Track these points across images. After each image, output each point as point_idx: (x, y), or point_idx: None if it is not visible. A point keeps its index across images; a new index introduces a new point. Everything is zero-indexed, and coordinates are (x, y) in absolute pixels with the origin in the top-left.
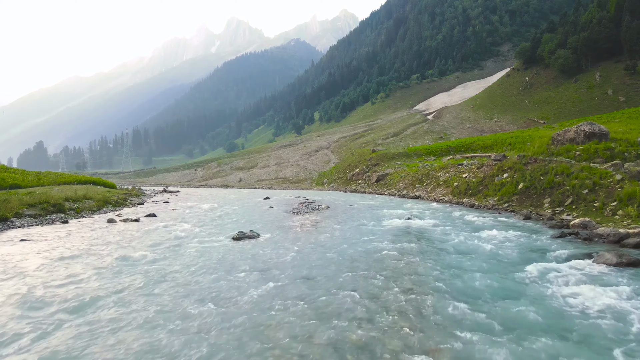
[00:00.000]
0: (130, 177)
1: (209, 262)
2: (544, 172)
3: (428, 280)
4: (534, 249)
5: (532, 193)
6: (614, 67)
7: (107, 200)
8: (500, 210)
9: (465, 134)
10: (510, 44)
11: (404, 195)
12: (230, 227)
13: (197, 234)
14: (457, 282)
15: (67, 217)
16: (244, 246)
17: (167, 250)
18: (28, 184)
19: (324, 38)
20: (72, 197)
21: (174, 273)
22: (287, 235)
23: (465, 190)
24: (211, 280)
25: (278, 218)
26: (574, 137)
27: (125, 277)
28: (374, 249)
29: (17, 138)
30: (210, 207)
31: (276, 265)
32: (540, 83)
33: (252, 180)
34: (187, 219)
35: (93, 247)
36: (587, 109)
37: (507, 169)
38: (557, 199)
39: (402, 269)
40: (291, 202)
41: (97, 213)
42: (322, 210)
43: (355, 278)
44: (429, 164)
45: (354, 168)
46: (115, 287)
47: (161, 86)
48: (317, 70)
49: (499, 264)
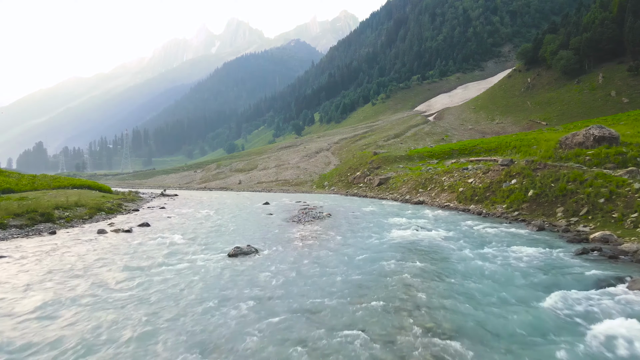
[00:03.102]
0: (129, 179)
1: (199, 289)
2: (555, 178)
3: (446, 316)
4: (557, 269)
5: (543, 201)
6: (616, 68)
7: (100, 207)
8: (510, 218)
9: (467, 136)
10: (511, 44)
11: (407, 200)
12: (226, 240)
13: (190, 248)
14: (480, 315)
15: (56, 226)
16: (239, 265)
17: (154, 272)
18: (22, 188)
19: (324, 39)
20: (62, 205)
21: (157, 305)
22: (287, 251)
23: (471, 197)
24: (199, 315)
25: (277, 228)
26: (582, 141)
27: (96, 312)
28: (382, 272)
29: (17, 139)
30: (207, 215)
31: (275, 293)
32: (542, 84)
33: (252, 182)
34: (181, 229)
35: (72, 269)
36: (589, 110)
37: (515, 174)
38: (571, 208)
39: (416, 299)
40: (291, 208)
41: (88, 222)
42: (323, 218)
43: (364, 312)
44: (432, 168)
45: (355, 171)
46: (75, 330)
47: (161, 87)
48: (317, 71)
49: (523, 290)
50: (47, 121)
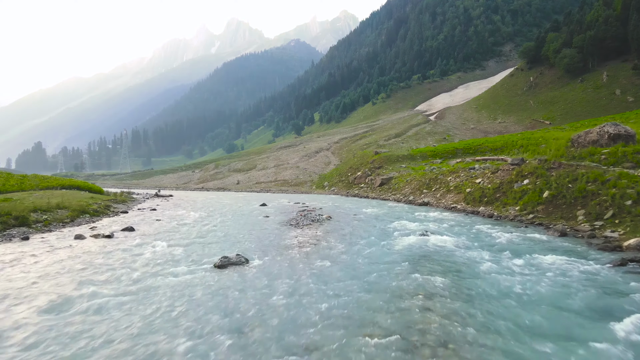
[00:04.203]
0: (127, 179)
1: (173, 313)
2: (572, 178)
3: (475, 353)
4: (598, 286)
5: (561, 203)
6: (621, 67)
7: (84, 209)
8: (525, 222)
9: (469, 135)
10: (513, 44)
11: (411, 202)
12: (216, 247)
13: (172, 258)
14: (517, 352)
15: (31, 231)
16: (224, 280)
17: (123, 290)
18: (9, 188)
19: (324, 39)
20: (42, 207)
21: (117, 334)
22: (282, 262)
23: (480, 198)
24: (164, 355)
25: (273, 233)
26: (596, 139)
27: (32, 350)
28: (392, 290)
29: (16, 139)
30: (199, 217)
31: (264, 319)
32: (545, 83)
33: (250, 182)
34: (168, 234)
35: (33, 283)
36: (594, 109)
37: (528, 174)
38: (593, 211)
39: (440, 330)
40: (289, 209)
41: (69, 225)
42: (323, 222)
43: (375, 351)
44: (436, 167)
45: (355, 171)
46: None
47: (161, 87)
48: (317, 71)
49: (575, 317)
50: (47, 121)
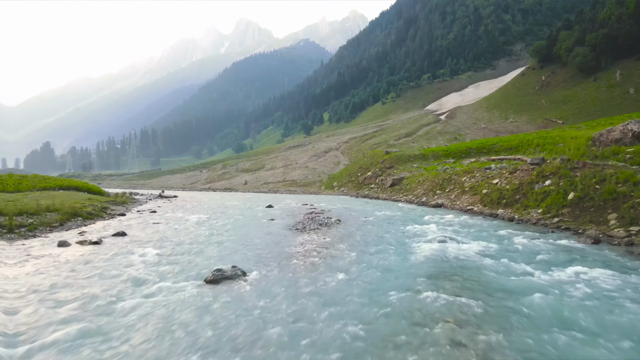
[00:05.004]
0: (134, 179)
1: (143, 351)
2: (600, 179)
3: None
4: None
5: (588, 205)
6: (635, 65)
7: (76, 212)
8: (550, 226)
9: (480, 135)
10: (523, 43)
11: (424, 203)
12: (211, 256)
13: (159, 270)
14: None
15: (13, 236)
16: (214, 302)
17: (82, 317)
18: (7, 189)
19: (333, 39)
20: (30, 210)
21: None
22: (284, 275)
23: (498, 199)
24: None
25: (277, 239)
26: (620, 137)
27: None
28: (414, 314)
29: (26, 139)
30: (200, 221)
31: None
32: (557, 82)
33: (258, 183)
34: (161, 240)
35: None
36: (607, 108)
37: (549, 174)
38: (627, 215)
39: None
40: (296, 211)
41: (57, 230)
42: (331, 226)
43: None
44: (450, 167)
45: (365, 171)
46: None
47: (170, 87)
48: (326, 71)
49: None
50: (56, 121)
